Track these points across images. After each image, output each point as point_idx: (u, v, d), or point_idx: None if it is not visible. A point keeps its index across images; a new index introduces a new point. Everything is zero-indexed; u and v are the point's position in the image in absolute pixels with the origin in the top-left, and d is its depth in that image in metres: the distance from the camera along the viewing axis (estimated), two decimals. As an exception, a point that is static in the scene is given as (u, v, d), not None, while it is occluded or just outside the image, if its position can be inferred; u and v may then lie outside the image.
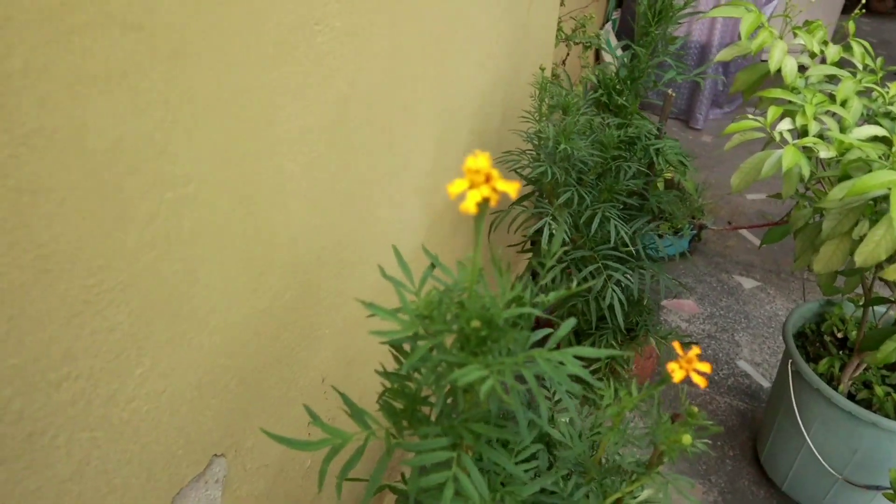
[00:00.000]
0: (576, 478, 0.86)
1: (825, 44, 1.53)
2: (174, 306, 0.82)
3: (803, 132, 1.40)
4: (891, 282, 1.42)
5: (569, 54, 2.77)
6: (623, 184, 1.61)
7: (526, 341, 0.63)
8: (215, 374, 0.93)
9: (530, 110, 1.52)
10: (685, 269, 2.95)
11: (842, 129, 1.38)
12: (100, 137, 0.65)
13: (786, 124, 1.41)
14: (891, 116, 1.46)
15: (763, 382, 2.42)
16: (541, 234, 1.53)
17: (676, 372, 0.69)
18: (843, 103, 1.41)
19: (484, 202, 0.50)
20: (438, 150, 1.47)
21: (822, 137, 1.39)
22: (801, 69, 1.52)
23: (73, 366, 0.69)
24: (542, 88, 1.45)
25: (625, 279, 1.61)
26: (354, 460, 0.70)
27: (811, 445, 1.83)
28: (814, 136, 1.37)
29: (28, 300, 0.63)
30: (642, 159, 1.68)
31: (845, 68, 1.51)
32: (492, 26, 1.65)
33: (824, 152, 1.32)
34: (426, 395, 0.74)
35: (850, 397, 1.79)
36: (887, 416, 1.68)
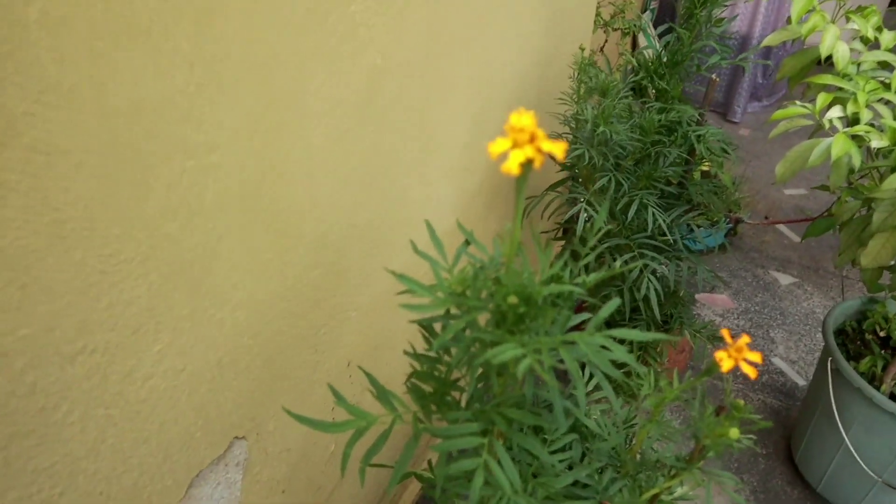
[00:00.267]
0: (611, 471, 0.81)
1: (879, 29, 1.46)
2: (195, 281, 0.78)
3: (854, 120, 1.34)
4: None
5: (607, 41, 2.71)
6: (662, 171, 1.56)
7: (566, 322, 0.58)
8: (238, 353, 0.90)
9: (568, 92, 1.47)
10: (720, 264, 2.88)
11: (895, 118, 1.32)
12: (119, 98, 0.62)
13: (836, 112, 1.34)
14: (948, 105, 1.39)
15: (798, 380, 2.35)
16: (575, 222, 1.48)
17: (725, 361, 0.64)
18: (898, 90, 1.35)
19: (528, 163, 0.45)
20: (473, 129, 1.43)
21: (874, 126, 1.32)
22: (853, 55, 1.45)
23: (89, 339, 0.66)
24: (580, 69, 1.40)
25: (661, 269, 1.56)
26: (379, 444, 0.66)
27: (850, 446, 1.77)
28: (866, 124, 1.30)
29: (42, 267, 0.60)
30: (682, 146, 1.62)
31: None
32: (529, 7, 1.60)
33: (876, 141, 1.26)
34: (456, 378, 0.70)
35: (893, 398, 1.72)
36: (932, 418, 1.62)
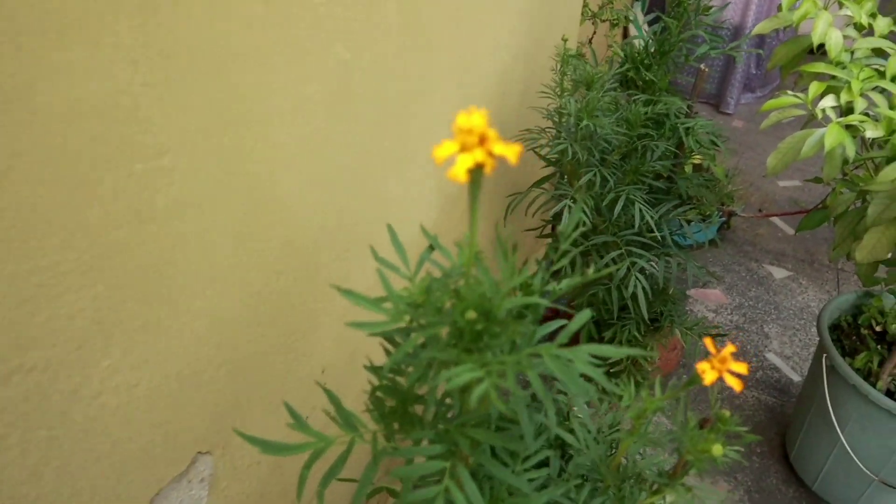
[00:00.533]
0: (590, 485, 0.77)
1: (873, 15, 1.42)
2: (148, 291, 0.74)
3: (848, 110, 1.29)
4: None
5: (595, 32, 2.66)
6: (649, 165, 1.51)
7: (532, 336, 0.54)
8: (199, 364, 0.85)
9: (551, 85, 1.43)
10: (713, 258, 2.83)
11: (891, 107, 1.27)
12: (51, 98, 0.58)
13: (829, 101, 1.30)
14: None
15: (793, 376, 2.31)
16: (561, 218, 1.44)
17: (708, 373, 0.60)
18: (894, 78, 1.30)
19: (477, 168, 0.41)
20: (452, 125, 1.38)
21: (868, 115, 1.28)
22: (846, 43, 1.41)
23: (25, 357, 0.62)
24: (563, 61, 1.36)
25: (649, 266, 1.52)
26: (337, 467, 0.62)
27: (845, 444, 1.73)
28: (860, 113, 1.26)
29: (-34, 282, 0.55)
30: (671, 139, 1.58)
31: (895, 43, 1.40)
32: (512, -3, 1.55)
33: (871, 131, 1.22)
34: (421, 393, 0.66)
35: (889, 394, 1.68)
36: (929, 416, 1.58)
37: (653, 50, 1.56)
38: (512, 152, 0.40)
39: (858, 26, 1.40)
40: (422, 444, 0.62)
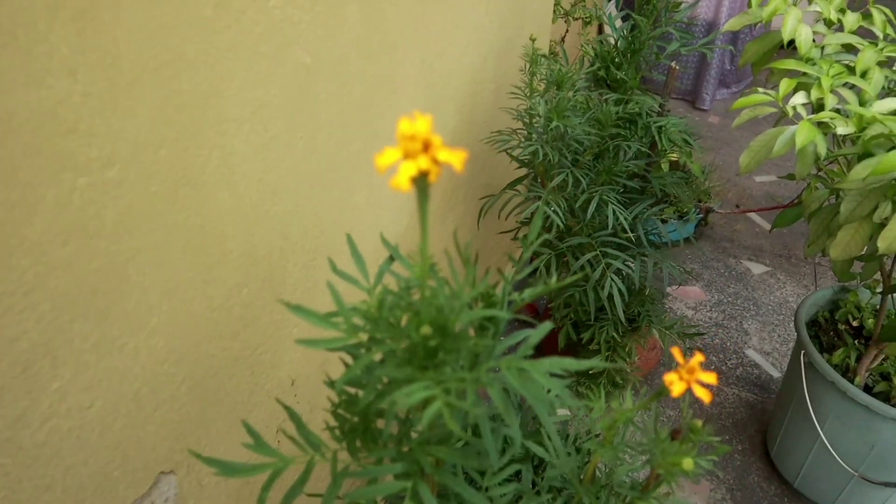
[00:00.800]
0: (563, 499, 0.75)
1: (842, 11, 1.41)
2: (99, 308, 0.71)
3: (819, 106, 1.28)
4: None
5: (567, 31, 2.64)
6: (622, 165, 1.49)
7: (491, 350, 0.52)
8: (158, 382, 0.82)
9: (521, 86, 1.40)
10: (691, 255, 2.83)
11: (861, 103, 1.26)
12: (-18, 111, 0.55)
13: (800, 98, 1.28)
14: (914, 89, 1.34)
15: (773, 373, 2.30)
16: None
17: (676, 384, 0.58)
18: (864, 74, 1.29)
19: (421, 177, 0.38)
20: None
21: (839, 112, 1.27)
22: (816, 38, 1.40)
23: (-38, 383, 0.59)
24: (532, 61, 1.34)
25: (625, 267, 1.50)
26: (296, 490, 0.59)
27: (825, 440, 1.73)
28: (830, 110, 1.25)
29: None
30: (643, 138, 1.56)
31: (864, 38, 1.39)
32: (481, -3, 1.53)
33: (842, 128, 1.20)
34: (383, 409, 0.63)
35: (867, 390, 1.68)
36: (907, 410, 1.57)
37: (623, 48, 1.54)
38: (457, 159, 0.38)
39: (828, 22, 1.39)
40: (384, 463, 0.60)
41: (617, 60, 1.53)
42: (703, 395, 0.57)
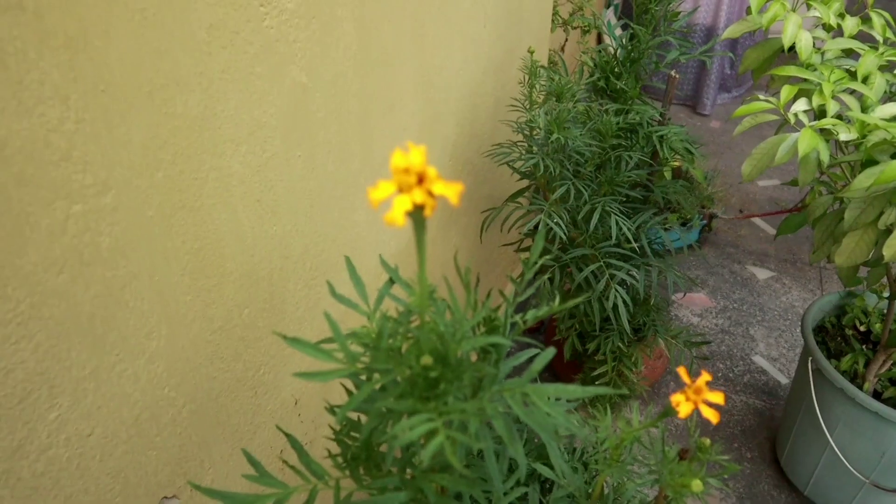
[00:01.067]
0: (570, 520, 0.74)
1: (842, 16, 1.40)
2: (97, 335, 0.70)
3: (821, 113, 1.27)
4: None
5: (567, 40, 2.64)
6: (624, 175, 1.48)
7: (494, 378, 0.51)
8: (158, 407, 0.81)
9: (521, 98, 1.40)
10: (696, 262, 2.81)
11: (863, 108, 1.25)
12: (-28, 142, 0.54)
13: (801, 105, 1.27)
14: (917, 93, 1.33)
15: (781, 379, 2.29)
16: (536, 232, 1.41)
17: (683, 405, 0.57)
18: (865, 79, 1.28)
19: (417, 211, 0.38)
20: (422, 141, 1.34)
21: (840, 118, 1.26)
22: (816, 44, 1.39)
23: (-43, 417, 0.58)
24: (531, 73, 1.33)
25: (629, 278, 1.49)
26: (299, 519, 0.59)
27: (835, 448, 1.71)
28: (832, 116, 1.24)
29: None
30: (645, 148, 1.55)
31: (864, 42, 1.38)
32: (479, 9, 1.52)
33: (844, 134, 1.19)
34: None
35: (876, 396, 1.66)
36: (917, 416, 1.56)
37: (622, 58, 1.53)
38: (453, 192, 0.37)
39: (827, 27, 1.39)
40: (388, 491, 0.59)
41: (616, 70, 1.52)
42: (711, 415, 0.56)
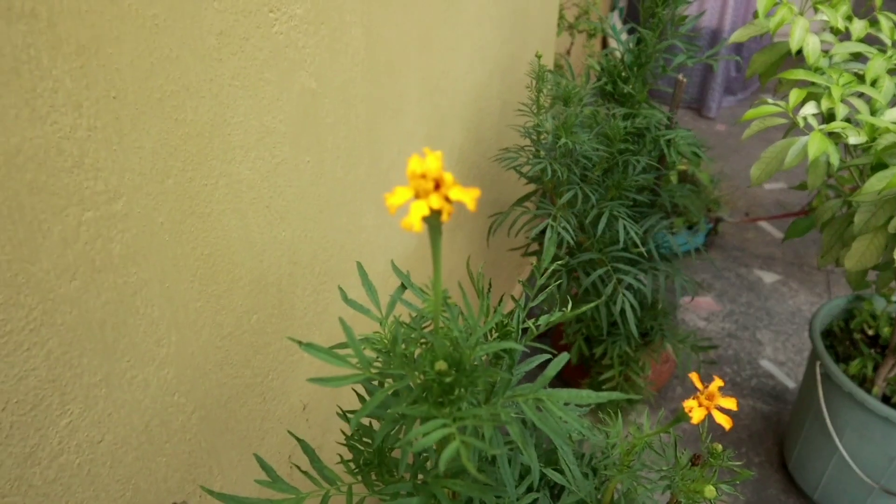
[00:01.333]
0: (582, 525, 0.74)
1: (849, 19, 1.40)
2: (108, 342, 0.70)
3: (829, 116, 1.27)
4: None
5: (573, 44, 2.64)
6: (632, 179, 1.48)
7: (507, 384, 0.51)
8: (168, 413, 0.81)
9: (528, 102, 1.40)
10: (702, 265, 2.80)
11: (872, 112, 1.25)
12: (-14, 150, 0.54)
13: (810, 108, 1.27)
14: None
15: (788, 383, 2.28)
16: (544, 237, 1.41)
17: (696, 411, 0.57)
18: (874, 83, 1.28)
19: (433, 216, 0.38)
20: (430, 145, 1.34)
21: (849, 121, 1.25)
22: (824, 47, 1.38)
23: (-30, 424, 0.58)
24: (538, 78, 1.33)
25: (636, 282, 1.49)
26: (311, 526, 0.59)
27: (844, 453, 1.70)
28: (842, 119, 1.23)
29: None
30: (652, 152, 1.55)
31: (872, 45, 1.38)
32: (485, 13, 1.52)
33: (854, 138, 1.19)
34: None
35: (885, 400, 1.65)
36: (927, 421, 1.55)
37: (629, 62, 1.53)
38: (469, 197, 0.37)
39: (835, 30, 1.38)
40: (400, 497, 0.59)
41: (623, 74, 1.52)
42: (724, 421, 0.56)
